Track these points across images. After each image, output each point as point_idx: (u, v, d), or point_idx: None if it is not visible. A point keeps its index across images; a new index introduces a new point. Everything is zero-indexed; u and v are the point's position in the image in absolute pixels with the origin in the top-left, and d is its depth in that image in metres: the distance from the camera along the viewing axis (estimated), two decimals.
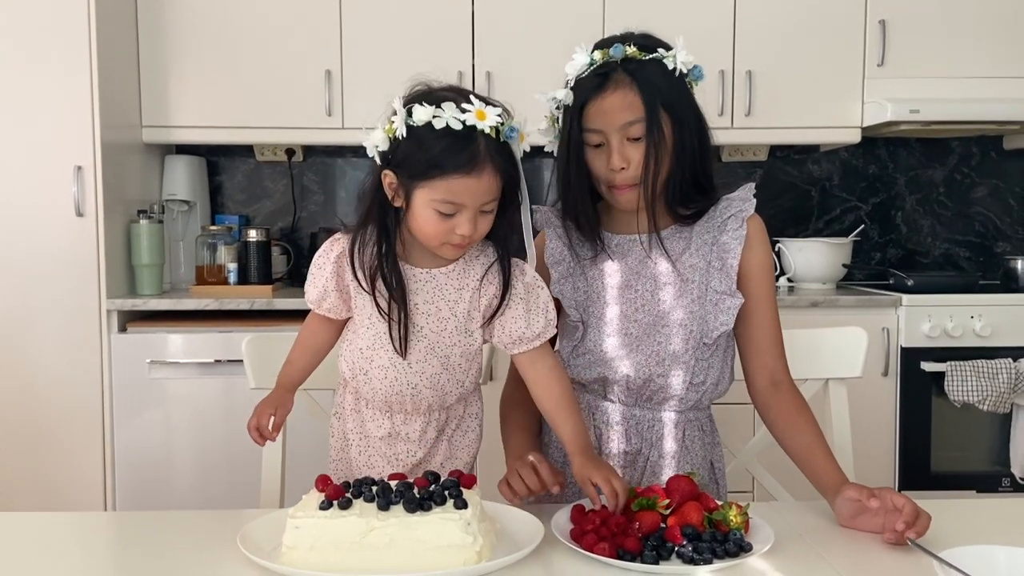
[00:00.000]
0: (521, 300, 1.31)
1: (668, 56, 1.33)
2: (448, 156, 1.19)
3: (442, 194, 1.21)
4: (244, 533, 1.10)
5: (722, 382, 1.43)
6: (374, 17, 2.91)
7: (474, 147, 1.19)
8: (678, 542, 1.08)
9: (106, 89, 2.63)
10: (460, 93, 1.23)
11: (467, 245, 1.27)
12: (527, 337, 1.32)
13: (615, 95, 1.31)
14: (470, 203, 1.21)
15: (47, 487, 2.62)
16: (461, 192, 1.20)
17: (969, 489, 2.82)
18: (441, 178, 1.20)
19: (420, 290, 1.31)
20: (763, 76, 2.97)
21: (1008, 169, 3.41)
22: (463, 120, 1.18)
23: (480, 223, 1.24)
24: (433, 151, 1.19)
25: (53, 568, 1.11)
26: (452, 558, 1.03)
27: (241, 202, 3.31)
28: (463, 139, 1.19)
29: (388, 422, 1.37)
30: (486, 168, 1.19)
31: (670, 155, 1.33)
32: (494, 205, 1.24)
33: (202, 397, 2.65)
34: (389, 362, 1.32)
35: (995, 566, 0.95)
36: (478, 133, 1.19)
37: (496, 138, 1.20)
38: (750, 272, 1.39)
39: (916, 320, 2.77)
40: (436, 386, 1.34)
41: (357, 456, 1.40)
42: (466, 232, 1.22)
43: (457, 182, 1.20)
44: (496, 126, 1.20)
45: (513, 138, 1.22)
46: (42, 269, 2.60)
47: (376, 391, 1.35)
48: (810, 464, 1.31)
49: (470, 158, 1.19)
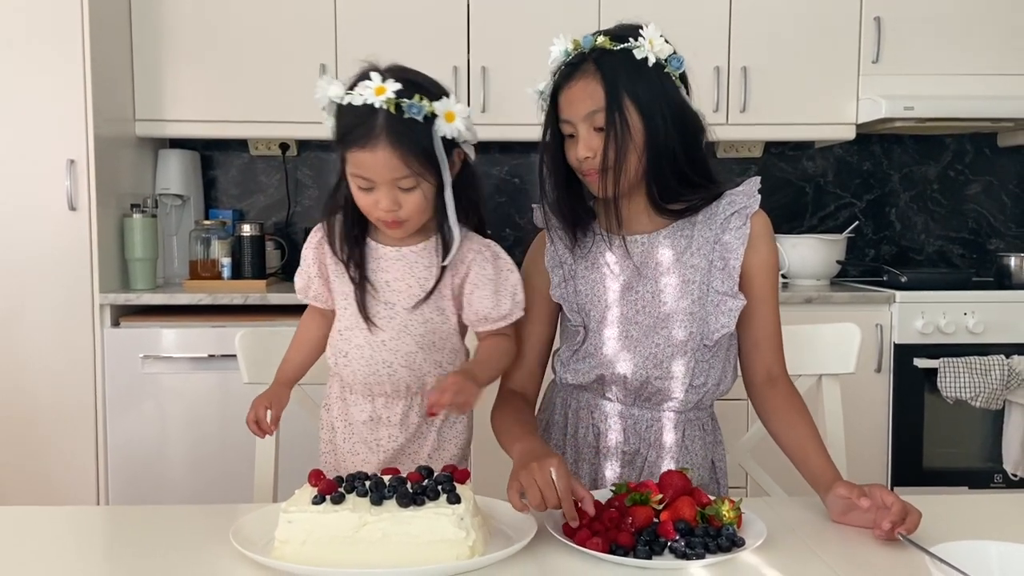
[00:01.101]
0: (490, 281, 1.34)
1: (639, 46, 1.30)
2: (348, 131, 1.25)
3: (352, 167, 1.27)
4: (237, 527, 1.10)
5: (724, 382, 1.41)
6: (369, 11, 2.90)
7: (371, 122, 1.23)
8: (671, 537, 1.08)
9: (99, 82, 2.62)
10: (388, 71, 1.27)
11: (403, 224, 1.29)
12: (492, 317, 1.36)
13: (579, 84, 1.31)
14: (376, 177, 1.25)
15: (40, 481, 2.62)
16: (363, 166, 1.25)
17: (961, 485, 2.83)
18: (347, 152, 1.26)
19: (390, 267, 1.35)
20: (758, 72, 2.98)
21: (1002, 166, 3.42)
22: (362, 96, 1.23)
23: (404, 200, 1.27)
24: (341, 126, 1.27)
25: (46, 563, 1.10)
26: (445, 553, 1.03)
27: (235, 196, 3.31)
28: (363, 115, 1.24)
29: (370, 406, 1.40)
30: (380, 143, 1.23)
31: (639, 146, 1.30)
32: (412, 182, 1.26)
33: (195, 392, 2.64)
34: (365, 341, 1.36)
35: (987, 562, 0.95)
36: (378, 110, 1.23)
37: (400, 114, 1.23)
38: (754, 272, 1.38)
39: (909, 317, 2.78)
40: (411, 365, 1.36)
41: (342, 444, 1.43)
42: (385, 207, 1.26)
43: (357, 156, 1.25)
44: (394, 101, 1.22)
45: (414, 114, 1.23)
46: (35, 263, 2.59)
47: (356, 373, 1.38)
48: (803, 460, 1.31)
49: (365, 133, 1.23)
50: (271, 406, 1.37)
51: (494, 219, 3.34)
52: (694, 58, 1.38)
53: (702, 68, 2.91)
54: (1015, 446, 2.77)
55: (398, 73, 1.26)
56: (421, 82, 1.28)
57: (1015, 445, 2.77)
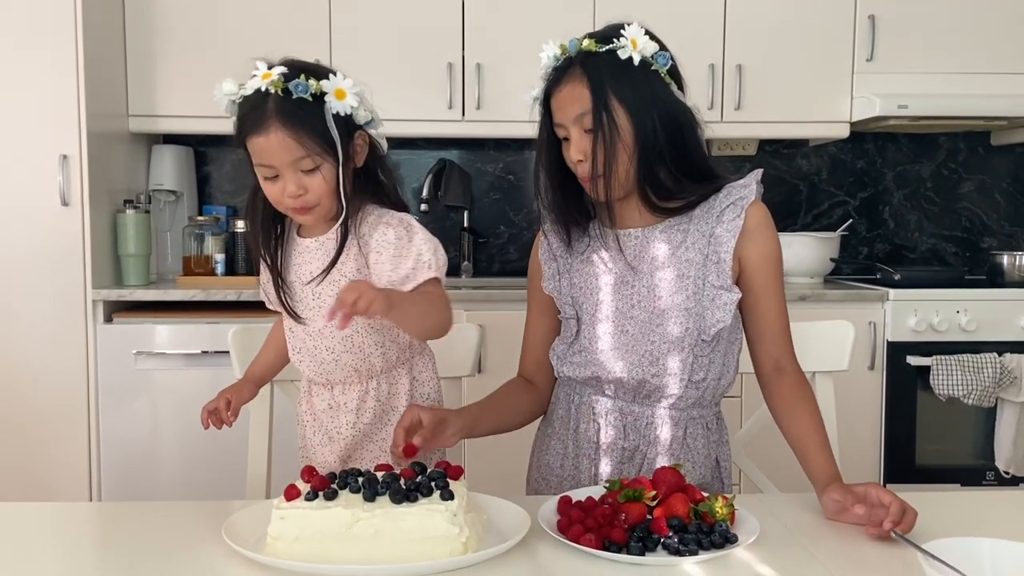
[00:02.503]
0: (390, 244, 1.32)
1: (623, 46, 1.30)
2: (242, 120, 1.28)
3: (254, 157, 1.28)
4: (229, 524, 1.09)
5: (725, 376, 1.41)
6: (363, 6, 2.89)
7: (262, 107, 1.25)
8: (664, 533, 1.08)
9: (92, 77, 2.61)
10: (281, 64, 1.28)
11: (311, 207, 1.30)
12: (394, 280, 1.31)
13: (567, 88, 1.32)
14: (275, 162, 1.26)
15: (32, 477, 2.61)
16: (261, 152, 1.26)
17: (954, 482, 2.84)
18: (246, 141, 1.27)
19: (312, 259, 1.36)
20: (753, 70, 2.98)
21: (995, 165, 3.43)
22: (252, 85, 1.26)
23: (308, 183, 1.28)
24: (238, 119, 1.29)
25: (38, 559, 1.10)
26: (438, 549, 1.03)
27: (229, 192, 3.30)
28: (254, 102, 1.26)
29: (328, 394, 1.43)
30: (272, 125, 1.24)
31: (630, 146, 1.31)
32: (311, 163, 1.27)
33: (188, 388, 2.63)
34: (305, 334, 1.40)
35: (979, 558, 0.95)
36: (268, 95, 1.25)
37: (288, 95, 1.24)
38: (751, 263, 1.37)
39: (902, 314, 2.79)
40: (353, 349, 1.38)
41: (310, 436, 1.46)
42: (291, 192, 1.27)
43: (254, 143, 1.27)
44: (281, 84, 1.24)
45: (301, 93, 1.24)
46: (27, 259, 2.58)
47: (309, 366, 1.41)
48: (804, 455, 1.31)
49: (257, 118, 1.25)
50: (231, 398, 1.41)
51: (488, 216, 3.34)
52: (688, 56, 1.38)
53: (697, 66, 2.91)
54: (1007, 443, 2.78)
55: (285, 61, 1.29)
56: (307, 65, 1.30)
57: (1007, 443, 2.78)
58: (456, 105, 2.93)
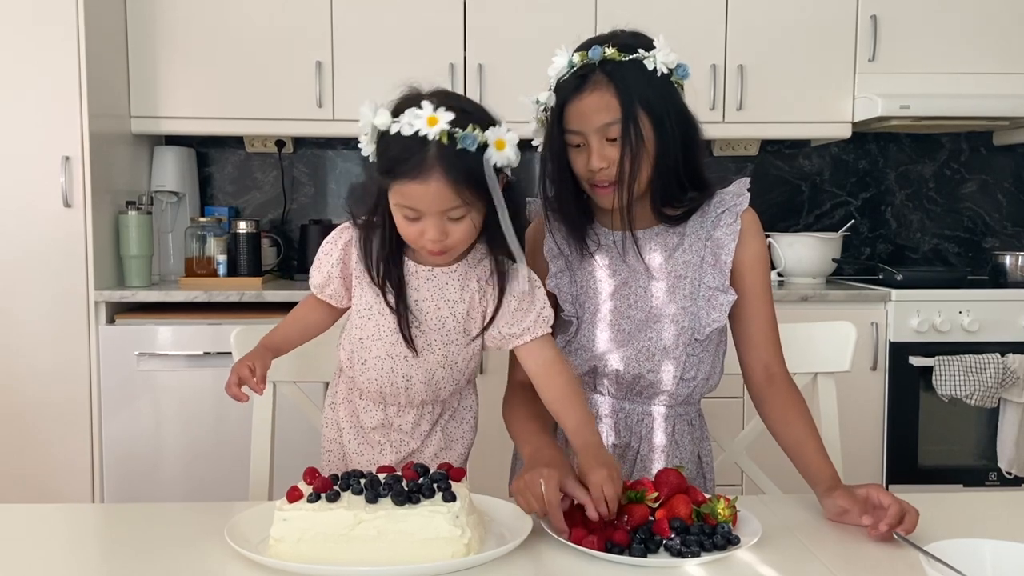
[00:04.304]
0: (514, 298, 1.30)
1: (648, 56, 1.30)
2: (398, 162, 1.18)
3: (399, 198, 1.21)
4: (232, 525, 1.09)
5: (713, 376, 1.44)
6: (365, 7, 2.89)
7: (422, 153, 1.17)
8: (666, 535, 1.08)
9: (94, 79, 2.61)
10: (434, 96, 1.20)
11: (448, 251, 1.25)
12: (515, 333, 1.31)
13: (592, 96, 1.30)
14: (425, 209, 1.19)
15: (35, 479, 2.61)
16: (412, 197, 1.19)
17: (956, 483, 2.83)
18: (395, 182, 1.20)
19: (421, 286, 1.30)
20: (754, 71, 2.98)
21: (997, 165, 3.42)
22: (413, 126, 1.16)
23: (452, 230, 1.22)
24: (388, 156, 1.20)
25: (40, 560, 1.10)
26: (440, 551, 1.03)
27: (231, 193, 3.30)
28: (413, 145, 1.17)
29: (381, 413, 1.38)
30: (433, 175, 1.17)
31: (651, 155, 1.32)
32: (462, 212, 1.21)
33: (191, 389, 2.64)
34: (386, 354, 1.33)
35: (981, 559, 0.95)
36: (430, 141, 1.17)
37: (453, 144, 1.17)
38: (744, 267, 1.39)
39: (905, 315, 2.79)
40: (431, 381, 1.34)
41: (348, 444, 1.41)
42: (433, 237, 1.21)
43: (407, 187, 1.18)
44: (447, 132, 1.16)
45: (468, 145, 1.17)
46: (29, 260, 2.59)
47: (371, 381, 1.36)
48: (801, 458, 1.32)
49: (416, 164, 1.17)
50: (255, 367, 1.29)
51: None
52: (690, 56, 1.38)
53: (698, 66, 2.91)
54: (1009, 444, 2.78)
55: (446, 100, 1.19)
56: (472, 111, 1.22)
57: (1009, 443, 2.78)
58: None
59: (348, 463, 1.42)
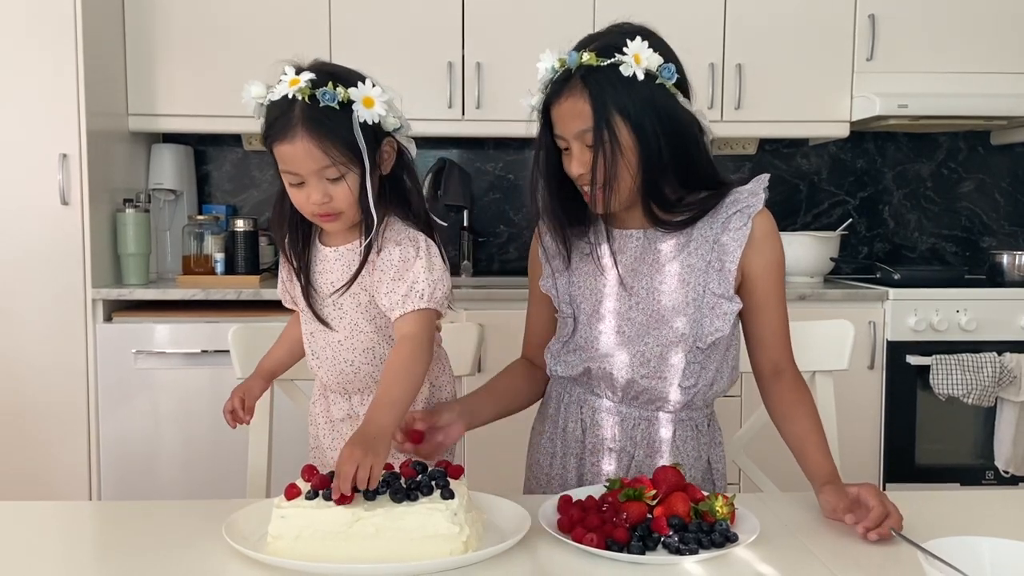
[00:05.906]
0: (392, 267, 1.29)
1: (624, 62, 1.25)
2: (271, 127, 1.25)
3: (280, 163, 1.27)
4: (230, 523, 1.09)
5: (717, 383, 1.40)
6: (364, 6, 2.89)
7: (289, 114, 1.23)
8: (664, 533, 1.08)
9: (92, 76, 2.60)
10: (307, 67, 1.26)
11: (336, 215, 1.28)
12: (386, 305, 1.30)
13: (567, 103, 1.29)
14: (301, 170, 1.25)
15: (32, 477, 2.61)
16: (287, 159, 1.25)
17: (953, 482, 2.84)
18: (272, 147, 1.26)
19: (333, 267, 1.35)
20: (753, 70, 2.98)
21: (995, 164, 3.43)
22: (278, 91, 1.23)
23: (334, 192, 1.26)
24: (265, 123, 1.27)
25: (37, 558, 1.10)
26: (438, 548, 1.03)
27: (228, 192, 3.30)
28: (282, 108, 1.24)
29: (347, 403, 1.42)
30: (298, 133, 1.22)
31: (632, 163, 1.28)
32: (337, 172, 1.25)
33: (188, 387, 2.63)
34: (326, 341, 1.38)
35: (979, 557, 0.95)
36: (295, 102, 1.22)
37: (316, 103, 1.22)
38: (758, 274, 1.36)
39: (902, 314, 2.79)
40: (374, 360, 1.37)
41: (324, 439, 1.45)
42: (316, 199, 1.26)
43: (280, 149, 1.24)
44: (308, 91, 1.22)
45: (328, 101, 1.22)
46: (27, 258, 2.58)
47: (327, 372, 1.40)
48: (802, 454, 1.31)
49: (283, 125, 1.23)
50: (243, 396, 1.42)
51: (488, 215, 3.34)
52: (688, 55, 1.36)
53: (697, 65, 2.89)
54: (1007, 443, 2.78)
55: (314, 66, 1.27)
56: (336, 71, 1.28)
57: (1007, 442, 2.78)
58: (456, 104, 2.93)
59: (326, 460, 1.44)
